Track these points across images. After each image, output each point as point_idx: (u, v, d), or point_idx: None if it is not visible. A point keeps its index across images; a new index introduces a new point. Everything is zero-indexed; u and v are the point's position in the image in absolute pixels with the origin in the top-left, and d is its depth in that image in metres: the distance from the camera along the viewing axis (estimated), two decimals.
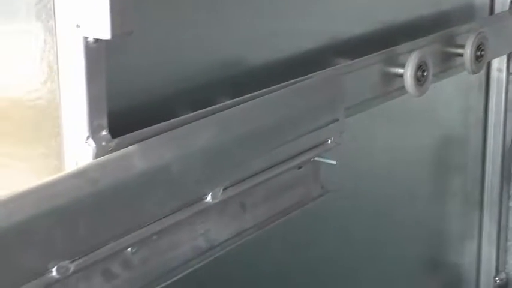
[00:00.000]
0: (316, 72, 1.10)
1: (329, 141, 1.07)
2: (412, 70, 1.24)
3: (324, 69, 1.13)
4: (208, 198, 0.90)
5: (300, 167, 1.05)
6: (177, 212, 0.86)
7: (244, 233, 0.97)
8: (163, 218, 0.84)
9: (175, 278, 0.88)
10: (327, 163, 1.07)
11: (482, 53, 1.40)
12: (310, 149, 1.04)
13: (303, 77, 1.07)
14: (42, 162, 0.88)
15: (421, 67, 1.25)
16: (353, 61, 1.19)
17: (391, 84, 1.26)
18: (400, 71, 1.25)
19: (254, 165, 0.96)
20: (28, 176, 0.90)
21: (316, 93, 1.07)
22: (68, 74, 0.80)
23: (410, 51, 1.26)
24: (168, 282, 0.88)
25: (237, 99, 0.97)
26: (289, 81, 1.05)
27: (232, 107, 0.95)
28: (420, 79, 1.26)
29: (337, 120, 1.08)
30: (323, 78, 1.10)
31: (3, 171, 0.92)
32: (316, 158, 1.06)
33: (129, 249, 0.82)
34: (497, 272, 1.75)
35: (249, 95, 0.99)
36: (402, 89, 1.26)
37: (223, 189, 0.91)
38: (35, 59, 0.83)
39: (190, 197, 0.88)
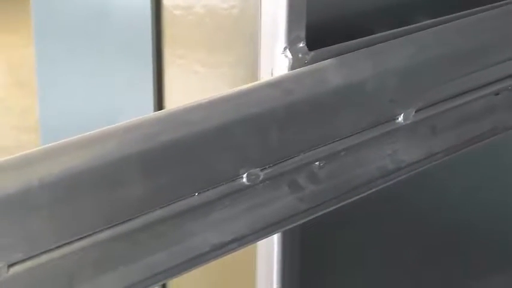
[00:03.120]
0: None
1: None
2: None
3: None
4: (400, 118, 0.88)
5: (497, 94, 1.01)
6: (367, 130, 0.85)
7: (433, 157, 0.95)
8: (354, 135, 0.84)
9: (359, 196, 0.88)
10: None
11: None
12: (511, 75, 1.00)
13: (507, 1, 1.02)
14: (234, 71, 0.89)
15: None
16: None
17: None
18: None
19: (449, 89, 0.93)
20: (220, 84, 0.92)
21: None
22: None
23: None
24: (352, 199, 0.88)
25: (436, 19, 0.94)
26: (492, 5, 1.00)
27: (431, 27, 0.92)
28: None
29: None
30: None
31: (195, 77, 0.94)
32: None
33: (316, 163, 0.83)
34: None
35: (448, 16, 0.95)
36: None
37: (415, 111, 0.89)
38: None
39: (382, 116, 0.86)
